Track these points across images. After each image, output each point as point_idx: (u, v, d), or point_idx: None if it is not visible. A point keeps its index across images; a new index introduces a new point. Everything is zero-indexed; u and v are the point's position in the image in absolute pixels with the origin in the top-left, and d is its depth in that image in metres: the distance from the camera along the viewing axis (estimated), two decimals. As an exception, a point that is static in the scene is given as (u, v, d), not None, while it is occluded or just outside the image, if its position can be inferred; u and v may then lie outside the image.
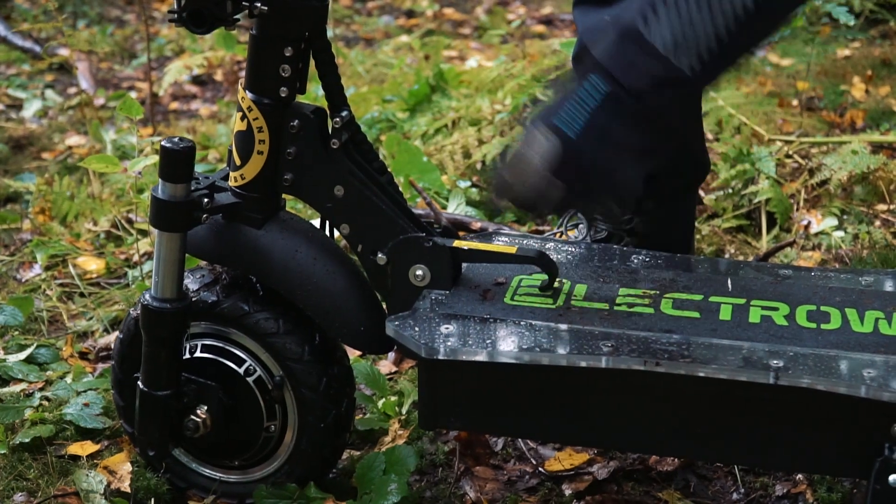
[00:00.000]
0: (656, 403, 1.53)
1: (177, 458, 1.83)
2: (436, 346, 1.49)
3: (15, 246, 2.95)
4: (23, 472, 1.87)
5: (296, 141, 1.59)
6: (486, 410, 1.62)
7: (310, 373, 1.70)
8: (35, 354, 2.26)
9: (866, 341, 1.50)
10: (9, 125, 4.07)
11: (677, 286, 1.64)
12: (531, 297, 1.60)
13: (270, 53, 1.56)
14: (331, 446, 1.78)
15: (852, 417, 1.46)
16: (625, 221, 2.01)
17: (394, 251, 1.61)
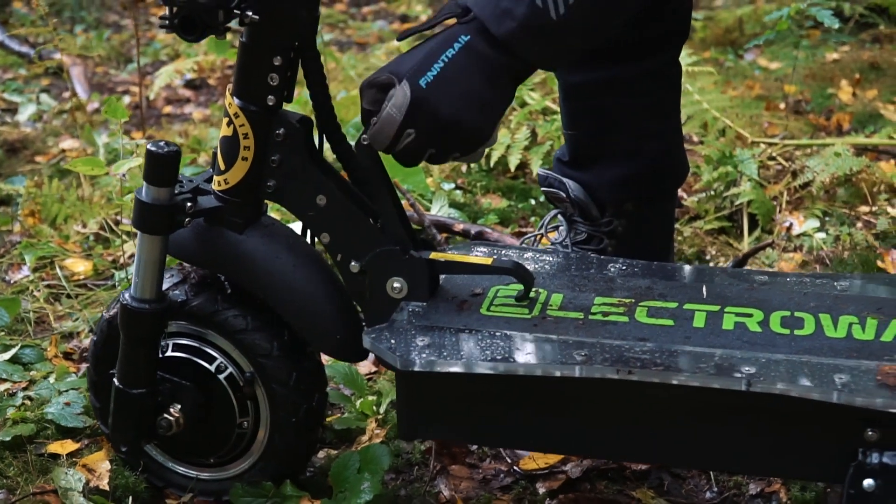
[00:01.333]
0: (631, 411, 1.53)
1: (153, 457, 1.83)
2: (412, 357, 1.49)
3: (4, 248, 2.96)
4: (2, 469, 1.87)
5: (280, 149, 1.59)
6: (465, 421, 1.62)
7: (279, 368, 1.70)
8: (20, 354, 2.27)
9: (839, 347, 1.50)
10: (3, 129, 4.09)
11: (653, 294, 1.64)
12: (507, 308, 1.59)
13: (259, 62, 1.56)
14: (304, 441, 1.78)
15: (826, 423, 1.46)
16: (604, 223, 2.01)
17: (371, 263, 1.60)
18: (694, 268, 1.78)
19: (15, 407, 2.03)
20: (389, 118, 1.48)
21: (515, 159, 2.96)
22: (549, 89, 3.25)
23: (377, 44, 5.13)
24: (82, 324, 2.46)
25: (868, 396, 1.39)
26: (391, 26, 5.69)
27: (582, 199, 1.98)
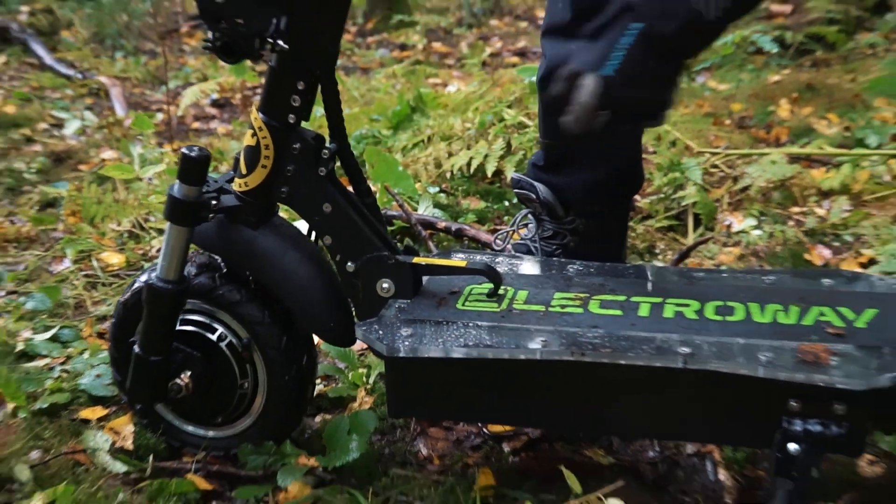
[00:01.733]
0: (586, 389, 1.55)
1: (170, 421, 1.86)
2: (397, 346, 1.52)
3: (49, 243, 2.97)
4: (40, 433, 1.88)
5: (295, 161, 1.61)
6: (445, 401, 1.65)
7: (271, 334, 1.73)
8: (59, 334, 2.29)
9: (765, 330, 1.53)
10: (51, 141, 4.10)
11: (604, 289, 1.67)
12: (479, 303, 1.62)
13: (284, 85, 1.58)
14: (296, 398, 1.81)
15: (754, 395, 1.48)
16: (568, 222, 2.03)
17: (364, 266, 1.63)
18: (641, 266, 1.79)
19: (52, 379, 2.06)
20: (586, 104, 1.53)
21: (492, 167, 2.98)
22: (524, 106, 3.27)
23: (378, 69, 5.14)
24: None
25: (790, 372, 1.42)
26: (392, 53, 5.70)
27: (550, 201, 2.00)
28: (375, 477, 1.77)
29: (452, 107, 3.52)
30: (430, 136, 3.23)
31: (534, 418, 1.64)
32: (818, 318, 1.56)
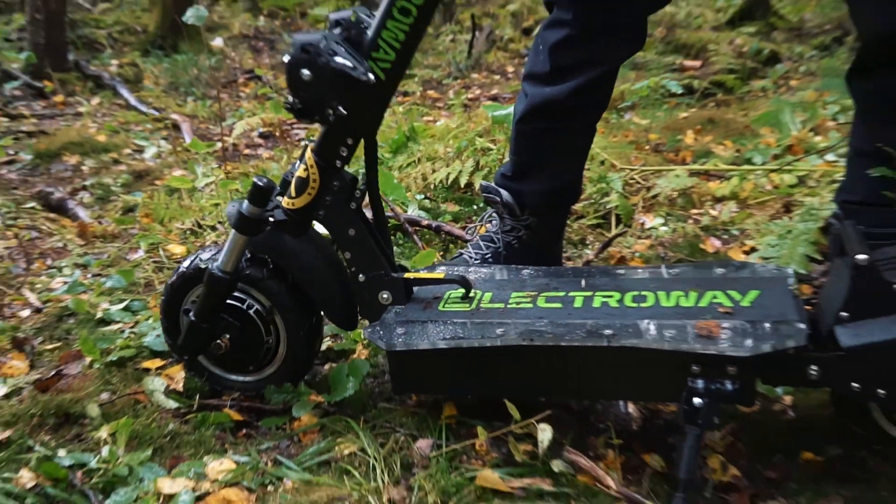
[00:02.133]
0: (537, 365, 1.58)
1: (213, 371, 1.86)
2: (393, 342, 1.59)
3: (127, 239, 2.98)
4: (109, 379, 1.89)
5: (334, 194, 1.64)
6: (433, 380, 1.68)
7: (287, 301, 1.76)
8: (130, 305, 2.29)
9: (670, 312, 1.55)
10: (133, 162, 4.10)
11: (549, 288, 1.71)
12: (455, 304, 1.67)
13: (338, 139, 1.59)
14: (308, 349, 1.83)
15: (664, 363, 1.50)
16: (523, 220, 2.04)
17: (370, 280, 1.68)
18: (578, 268, 1.86)
19: (122, 338, 2.05)
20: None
21: (465, 180, 2.99)
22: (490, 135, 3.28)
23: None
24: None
25: (689, 343, 1.45)
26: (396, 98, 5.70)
27: (511, 203, 2.03)
28: (367, 409, 1.77)
29: (438, 136, 3.52)
30: (420, 157, 3.23)
31: (498, 389, 1.65)
32: (711, 301, 1.58)
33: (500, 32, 7.57)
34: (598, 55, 1.89)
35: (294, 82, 1.52)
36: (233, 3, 10.33)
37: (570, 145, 2.02)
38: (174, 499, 1.49)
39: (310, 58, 1.49)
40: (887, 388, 1.46)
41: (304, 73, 1.50)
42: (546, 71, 1.91)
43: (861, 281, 1.45)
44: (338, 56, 1.49)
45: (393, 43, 1.51)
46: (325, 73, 1.49)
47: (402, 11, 1.49)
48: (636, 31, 1.92)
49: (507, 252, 2.06)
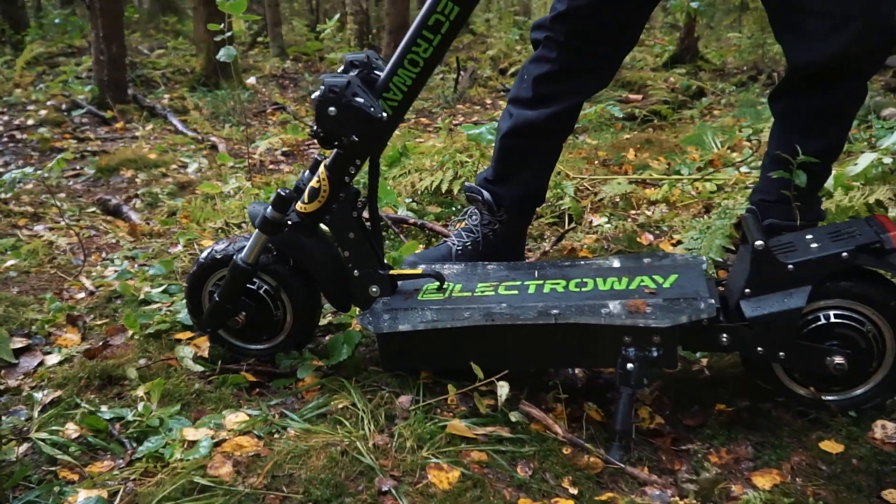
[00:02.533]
0: (499, 341, 1.56)
1: (232, 342, 1.81)
2: (381, 326, 1.57)
3: (169, 236, 2.92)
4: (147, 348, 1.83)
5: (339, 203, 1.61)
6: (415, 357, 1.64)
7: (292, 280, 1.72)
8: (168, 289, 2.23)
9: (606, 294, 1.54)
10: (179, 176, 4.03)
11: (509, 278, 1.68)
12: (432, 295, 1.65)
13: (349, 160, 1.57)
14: (311, 320, 1.79)
15: (604, 335, 1.48)
16: (499, 216, 2.04)
17: (363, 275, 1.65)
18: (533, 262, 1.81)
19: (160, 315, 2.00)
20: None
21: (445, 186, 2.95)
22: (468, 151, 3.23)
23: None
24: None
25: (622, 319, 1.45)
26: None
27: (490, 202, 2.02)
28: (359, 371, 1.72)
29: (426, 153, 3.48)
30: (410, 169, 3.19)
31: (468, 362, 1.58)
32: (640, 284, 1.56)
33: (481, 72, 7.54)
34: (574, 89, 1.92)
35: (321, 116, 1.52)
36: (265, 49, 10.28)
37: (542, 160, 2.04)
38: (196, 444, 1.44)
39: (336, 97, 1.50)
40: (786, 350, 1.43)
41: (331, 110, 1.51)
42: (529, 97, 1.92)
43: (759, 262, 1.44)
44: (358, 97, 1.50)
45: (401, 86, 1.53)
46: (347, 111, 1.50)
47: (411, 62, 1.51)
48: (608, 71, 1.96)
49: (484, 241, 2.04)
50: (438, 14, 1.48)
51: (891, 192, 2.49)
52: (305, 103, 6.64)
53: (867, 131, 3.71)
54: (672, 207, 2.76)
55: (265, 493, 1.29)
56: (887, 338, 1.45)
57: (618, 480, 1.38)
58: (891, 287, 1.45)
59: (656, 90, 5.50)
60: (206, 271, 1.75)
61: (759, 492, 1.29)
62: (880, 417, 1.48)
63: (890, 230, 1.41)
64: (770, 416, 1.52)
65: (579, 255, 2.32)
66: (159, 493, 1.29)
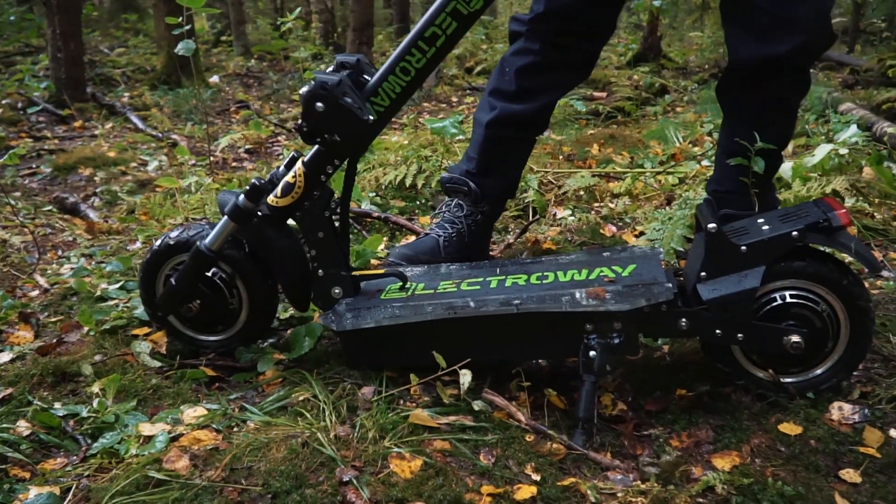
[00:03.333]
0: (462, 333, 1.56)
1: (189, 335, 1.77)
2: (344, 324, 1.57)
3: (128, 234, 2.87)
4: (103, 344, 1.79)
5: (312, 202, 1.59)
6: (380, 353, 1.63)
7: (246, 266, 1.69)
8: (126, 285, 2.18)
9: (567, 285, 1.54)
10: (139, 174, 3.97)
11: (471, 276, 1.68)
12: (395, 293, 1.64)
13: (328, 158, 1.56)
14: (267, 311, 1.77)
15: (564, 324, 1.48)
16: (481, 206, 2.05)
17: (326, 276, 1.62)
18: (495, 261, 1.82)
19: (117, 311, 1.96)
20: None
21: (409, 181, 2.94)
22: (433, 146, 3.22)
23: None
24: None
25: (583, 306, 1.46)
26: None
27: (476, 193, 2.03)
28: (321, 364, 1.70)
29: (390, 148, 3.47)
30: (374, 164, 3.17)
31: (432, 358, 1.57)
32: (599, 274, 1.57)
33: (447, 71, 7.53)
34: (557, 82, 1.96)
35: (307, 111, 1.51)
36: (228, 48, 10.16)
37: (522, 151, 2.08)
38: (152, 439, 1.41)
39: (325, 94, 1.49)
40: (744, 331, 1.45)
41: (318, 106, 1.50)
42: (513, 90, 1.94)
43: (713, 245, 1.46)
44: (347, 97, 1.50)
45: (390, 93, 1.54)
46: (334, 109, 1.49)
47: (403, 70, 1.52)
48: (589, 65, 1.99)
49: (468, 232, 2.04)
50: (436, 27, 1.50)
51: (847, 182, 2.54)
52: (270, 101, 6.58)
53: (825, 125, 3.78)
54: (635, 200, 2.78)
55: (223, 486, 1.27)
56: (841, 317, 1.47)
57: (580, 466, 1.38)
58: (842, 267, 1.48)
59: (620, 88, 5.55)
60: (161, 258, 1.71)
61: (718, 473, 1.30)
62: (837, 399, 1.51)
63: (836, 209, 1.45)
64: (730, 400, 1.53)
65: (543, 247, 2.32)
66: (113, 487, 1.26)
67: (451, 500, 1.25)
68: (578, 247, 2.38)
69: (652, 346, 1.76)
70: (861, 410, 1.47)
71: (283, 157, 3.97)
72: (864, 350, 1.50)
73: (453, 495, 1.26)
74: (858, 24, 8.55)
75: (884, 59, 5.63)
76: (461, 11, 1.49)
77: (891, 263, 2.24)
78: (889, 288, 2.06)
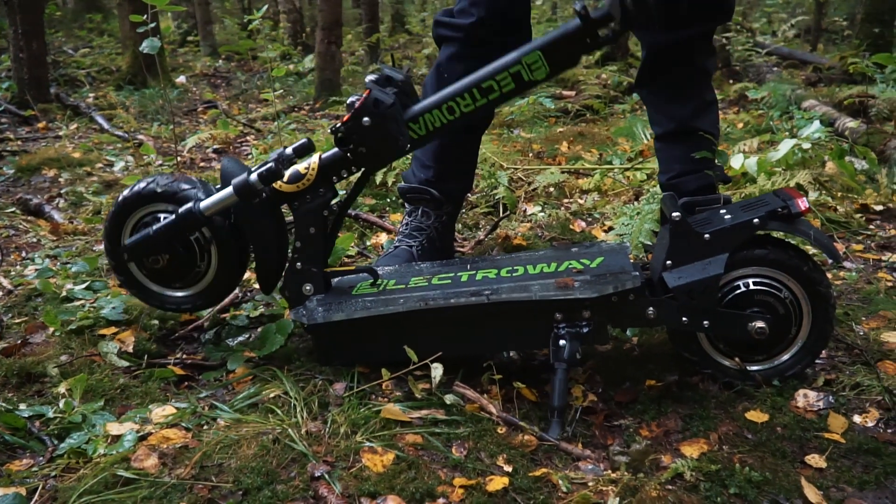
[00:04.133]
0: (434, 325, 1.57)
1: (153, 289, 1.75)
2: (314, 317, 1.57)
3: (95, 234, 2.82)
4: (69, 345, 1.76)
5: (315, 198, 1.60)
6: (351, 348, 1.63)
7: (226, 235, 1.68)
8: (92, 286, 2.16)
9: (536, 277, 1.56)
10: (104, 174, 3.90)
11: (441, 272, 1.69)
12: (366, 289, 1.64)
13: (348, 164, 1.58)
14: (230, 282, 1.76)
15: (534, 313, 1.50)
16: (444, 209, 2.07)
17: (303, 271, 1.62)
18: (465, 258, 1.88)
19: (83, 311, 1.92)
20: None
21: (379, 179, 2.94)
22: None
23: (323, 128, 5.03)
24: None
25: (553, 293, 1.48)
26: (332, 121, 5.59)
27: (439, 198, 2.04)
28: (292, 361, 1.69)
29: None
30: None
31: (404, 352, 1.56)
32: (568, 266, 1.59)
33: (417, 70, 7.53)
34: None
35: (353, 121, 1.53)
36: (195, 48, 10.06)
37: (473, 150, 2.11)
38: (120, 439, 1.39)
39: (376, 112, 1.51)
40: (710, 318, 1.48)
41: (365, 120, 1.52)
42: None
43: (678, 234, 1.48)
44: (394, 121, 1.53)
45: (429, 125, 1.56)
46: (378, 128, 1.52)
47: (449, 109, 1.55)
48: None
49: (437, 234, 2.06)
50: (494, 82, 1.53)
51: (810, 176, 2.59)
52: (238, 101, 6.53)
53: (789, 122, 3.85)
54: (603, 195, 2.81)
55: (193, 484, 1.26)
56: (803, 303, 1.51)
57: (552, 457, 1.39)
58: (802, 254, 1.51)
59: (589, 86, 5.59)
60: (129, 208, 1.69)
61: (687, 460, 1.32)
62: (802, 387, 1.54)
63: (795, 197, 1.49)
64: (698, 390, 1.56)
65: (514, 243, 2.33)
66: (80, 487, 1.24)
67: (424, 493, 1.25)
68: (548, 242, 2.39)
69: (621, 338, 1.78)
70: (825, 397, 1.50)
71: (251, 157, 3.94)
72: (826, 336, 1.53)
73: (426, 488, 1.26)
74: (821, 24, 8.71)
75: (845, 57, 5.74)
76: (522, 77, 1.53)
77: (853, 255, 2.29)
78: (851, 279, 2.11)
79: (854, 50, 5.98)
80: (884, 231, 2.46)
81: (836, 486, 1.27)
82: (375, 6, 8.84)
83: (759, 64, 6.11)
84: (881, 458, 1.33)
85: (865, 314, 1.87)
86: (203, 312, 1.97)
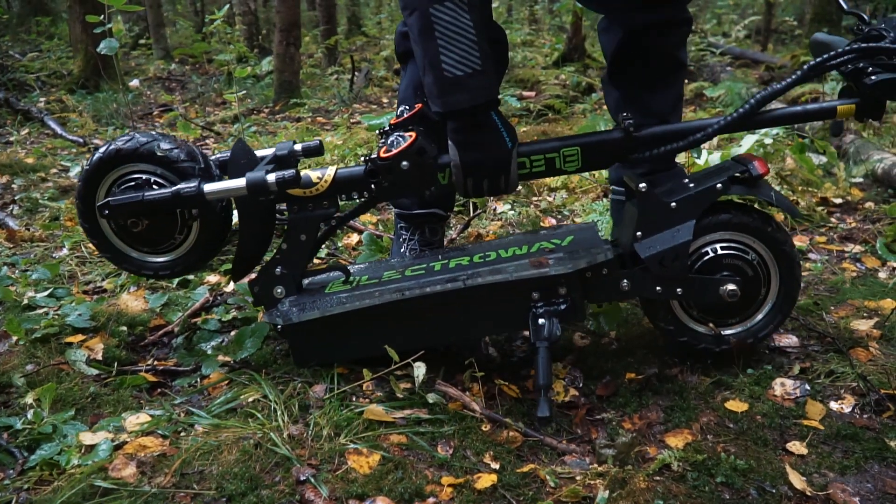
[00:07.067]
0: (411, 316, 1.54)
1: (134, 257, 1.72)
2: (290, 317, 1.56)
3: (54, 241, 2.73)
4: (34, 353, 1.70)
5: (319, 209, 1.59)
6: (328, 347, 1.60)
7: (213, 216, 1.66)
8: (55, 293, 2.09)
9: (510, 259, 1.57)
10: (60, 180, 3.79)
11: (414, 264, 1.69)
12: (339, 287, 1.63)
13: (362, 188, 1.58)
14: (202, 259, 1.73)
15: (511, 294, 1.49)
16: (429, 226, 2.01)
17: (281, 275, 1.61)
18: (436, 250, 1.84)
19: (48, 319, 1.86)
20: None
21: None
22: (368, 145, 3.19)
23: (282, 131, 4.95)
24: (97, 277, 2.29)
25: (528, 273, 1.48)
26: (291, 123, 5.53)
27: (444, 215, 1.99)
28: (268, 365, 1.66)
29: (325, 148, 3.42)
30: (310, 164, 3.12)
31: (381, 347, 1.54)
32: (540, 247, 1.62)
33: (376, 73, 7.50)
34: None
35: (392, 161, 1.51)
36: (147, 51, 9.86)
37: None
38: (95, 448, 1.35)
39: (418, 160, 1.51)
40: (682, 286, 1.50)
41: (404, 164, 1.51)
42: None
43: (645, 205, 1.51)
44: (429, 172, 1.53)
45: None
46: (413, 173, 1.52)
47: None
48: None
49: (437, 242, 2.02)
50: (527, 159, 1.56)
51: (772, 170, 2.63)
52: (195, 105, 6.41)
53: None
54: (572, 193, 2.82)
55: (174, 492, 1.22)
56: (770, 263, 1.56)
57: (538, 452, 1.38)
58: (765, 216, 1.55)
59: (549, 87, 5.63)
60: (106, 166, 1.62)
61: (672, 451, 1.33)
62: (778, 375, 1.56)
63: (754, 160, 1.52)
64: (677, 381, 1.57)
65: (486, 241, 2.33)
66: (57, 499, 1.19)
67: (413, 493, 1.23)
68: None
69: (600, 332, 1.79)
70: (802, 385, 1.53)
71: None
72: (794, 294, 1.58)
73: (414, 488, 1.24)
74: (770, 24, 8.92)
75: (797, 56, 5.89)
76: (555, 164, 1.57)
77: (816, 247, 2.34)
78: (817, 270, 2.15)
79: (804, 49, 6.14)
80: (844, 223, 2.52)
81: (818, 472, 1.29)
82: (332, 8, 8.77)
83: (712, 63, 6.23)
84: (860, 443, 1.36)
85: (834, 303, 1.91)
86: (172, 318, 1.92)
